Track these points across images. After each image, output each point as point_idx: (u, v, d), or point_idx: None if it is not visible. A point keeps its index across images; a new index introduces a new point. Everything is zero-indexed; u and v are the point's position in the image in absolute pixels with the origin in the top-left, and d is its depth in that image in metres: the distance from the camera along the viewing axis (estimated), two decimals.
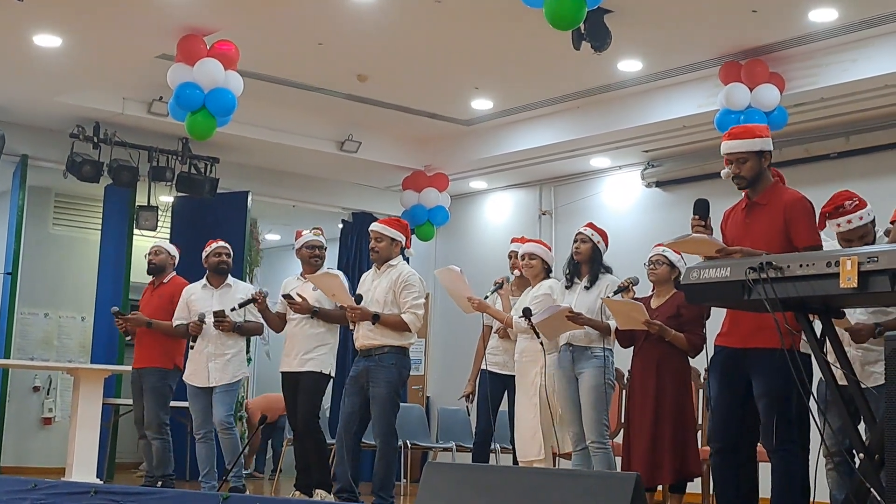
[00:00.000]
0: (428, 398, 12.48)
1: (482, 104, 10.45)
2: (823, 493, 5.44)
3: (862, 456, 4.03)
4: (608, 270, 6.72)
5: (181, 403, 8.50)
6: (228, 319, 7.62)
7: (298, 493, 7.18)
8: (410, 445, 9.77)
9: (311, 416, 7.19)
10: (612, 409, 6.59)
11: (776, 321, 4.08)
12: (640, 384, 6.39)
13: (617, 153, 10.86)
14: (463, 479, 4.07)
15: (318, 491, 7.01)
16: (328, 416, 9.79)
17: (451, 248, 12.41)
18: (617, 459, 6.62)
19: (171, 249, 8.33)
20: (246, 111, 9.25)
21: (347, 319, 6.89)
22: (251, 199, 11.47)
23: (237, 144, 10.69)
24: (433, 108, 10.64)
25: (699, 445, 6.66)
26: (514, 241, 7.74)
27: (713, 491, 5.20)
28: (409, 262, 7.49)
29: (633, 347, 6.56)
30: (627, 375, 6.72)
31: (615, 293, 6.41)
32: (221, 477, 7.58)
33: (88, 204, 12.21)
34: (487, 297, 7.44)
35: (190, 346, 7.74)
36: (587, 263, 6.69)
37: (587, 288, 6.62)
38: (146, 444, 8.04)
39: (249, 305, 7.73)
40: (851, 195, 5.21)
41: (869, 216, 5.19)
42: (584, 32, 7.59)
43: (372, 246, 6.92)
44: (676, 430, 6.24)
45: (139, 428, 8.08)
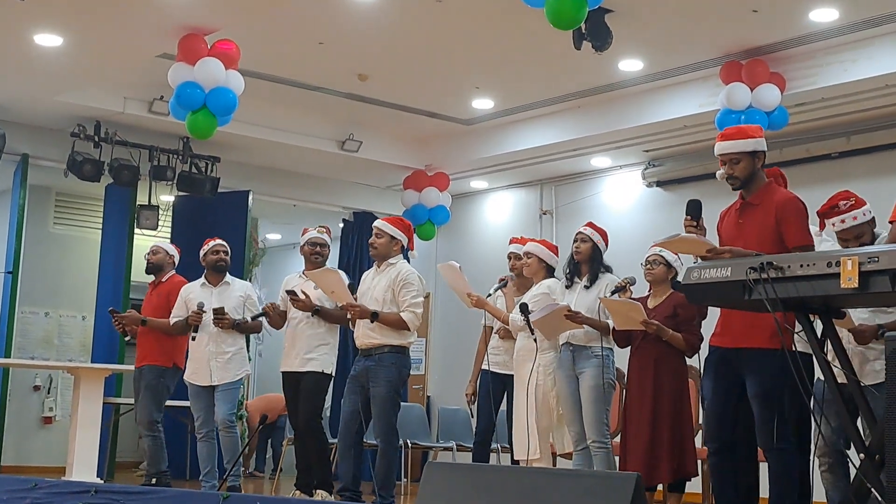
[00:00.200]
0: (428, 398, 12.48)
1: (483, 104, 10.45)
2: (823, 492, 5.45)
3: (861, 456, 4.02)
4: (608, 270, 6.73)
5: (182, 403, 8.50)
6: (228, 317, 7.63)
7: (299, 492, 7.19)
8: (411, 445, 9.76)
9: (313, 416, 7.19)
10: (612, 408, 6.59)
11: (776, 321, 4.08)
12: (637, 384, 6.39)
13: (618, 153, 10.86)
14: (463, 478, 4.06)
15: (319, 491, 7.02)
16: (328, 415, 9.78)
17: (451, 247, 12.40)
18: (616, 459, 6.62)
19: (169, 249, 8.37)
20: (247, 110, 9.26)
21: (347, 318, 6.90)
22: (252, 198, 11.47)
23: (238, 144, 10.70)
24: (434, 107, 10.64)
25: (698, 445, 6.66)
26: (512, 241, 7.74)
27: (713, 491, 5.20)
28: (409, 262, 7.48)
29: (630, 347, 6.56)
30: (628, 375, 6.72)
31: (612, 293, 6.42)
32: (222, 476, 7.58)
33: (89, 203, 12.22)
34: (490, 294, 7.45)
35: (192, 337, 7.73)
36: (587, 263, 6.69)
37: (587, 287, 6.62)
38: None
39: (248, 304, 7.82)
40: (848, 195, 5.21)
41: (865, 216, 5.18)
42: (584, 32, 7.59)
43: (371, 241, 6.94)
44: (674, 429, 6.25)
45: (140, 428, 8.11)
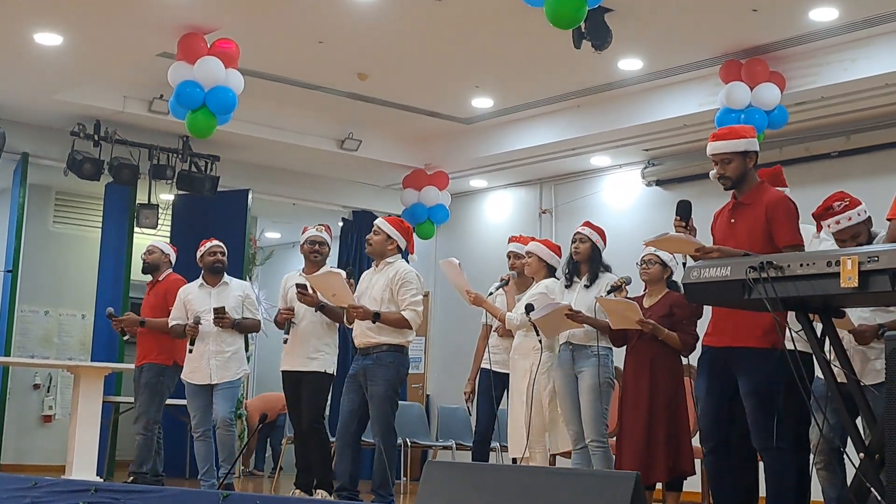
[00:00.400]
0: (428, 396, 12.48)
1: (482, 102, 10.44)
2: (820, 491, 5.45)
3: (861, 455, 4.03)
4: (607, 269, 6.73)
5: (182, 401, 8.49)
6: (228, 316, 7.63)
7: (299, 491, 7.19)
8: (410, 444, 9.76)
9: (315, 415, 7.19)
10: (611, 407, 6.59)
11: (776, 321, 4.08)
12: (633, 383, 6.38)
13: (617, 152, 10.86)
14: (463, 477, 4.07)
15: (319, 490, 7.01)
16: (328, 414, 9.78)
17: (451, 246, 12.40)
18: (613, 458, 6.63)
19: (164, 248, 8.36)
20: (246, 109, 9.25)
21: (347, 317, 6.90)
22: (252, 197, 11.47)
23: (238, 142, 10.70)
24: (433, 106, 10.63)
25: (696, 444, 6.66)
26: (511, 240, 7.74)
27: (710, 490, 5.21)
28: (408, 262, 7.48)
29: (626, 346, 6.56)
30: None
31: (608, 292, 6.42)
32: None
33: (89, 202, 12.22)
34: (491, 293, 7.47)
35: (189, 349, 7.75)
36: (586, 263, 6.69)
37: (587, 287, 6.62)
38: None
39: (247, 303, 7.82)
40: (842, 196, 5.19)
41: (860, 216, 5.15)
42: (584, 31, 7.60)
43: (368, 238, 6.96)
44: (670, 428, 6.24)
45: None
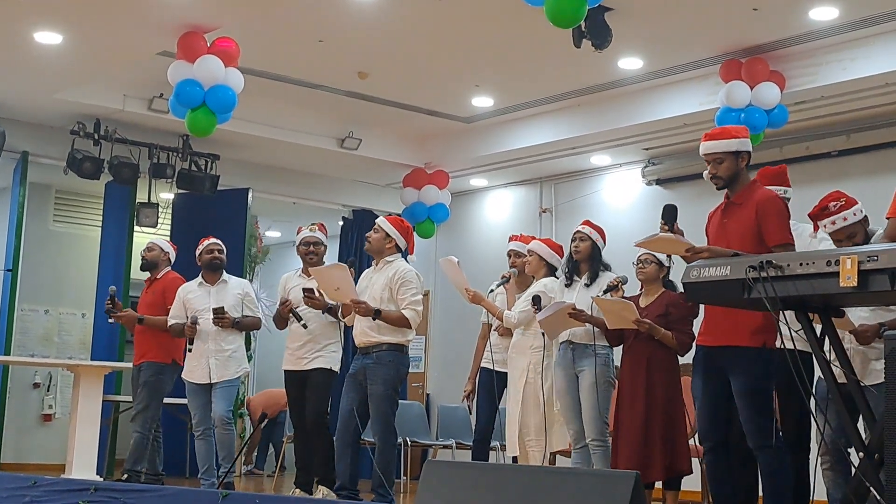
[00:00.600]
0: (428, 395, 12.48)
1: (483, 101, 10.44)
2: (823, 491, 5.44)
3: (861, 455, 4.03)
4: (607, 268, 6.73)
5: (182, 400, 8.49)
6: (228, 316, 7.62)
7: (299, 490, 7.19)
8: (410, 443, 9.77)
9: (320, 413, 7.18)
10: (611, 406, 6.59)
11: (776, 320, 4.08)
12: (629, 382, 6.38)
13: (617, 151, 10.86)
14: (463, 476, 4.07)
15: (320, 487, 7.01)
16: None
17: (451, 245, 12.40)
18: None
19: (164, 246, 8.31)
20: (246, 108, 9.25)
21: (344, 310, 6.90)
22: (252, 195, 11.47)
23: (238, 141, 10.69)
24: (434, 105, 10.63)
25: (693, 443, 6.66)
26: (512, 239, 7.75)
27: (710, 489, 5.21)
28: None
29: (622, 346, 6.56)
30: None
31: (604, 292, 6.42)
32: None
33: (89, 201, 12.22)
34: (492, 290, 7.48)
35: (188, 349, 7.74)
36: (587, 262, 6.69)
37: (587, 285, 6.62)
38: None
39: (247, 301, 7.81)
40: (838, 196, 5.18)
41: (856, 216, 5.13)
42: (584, 30, 7.60)
43: (367, 235, 6.98)
44: (666, 427, 6.24)
45: None
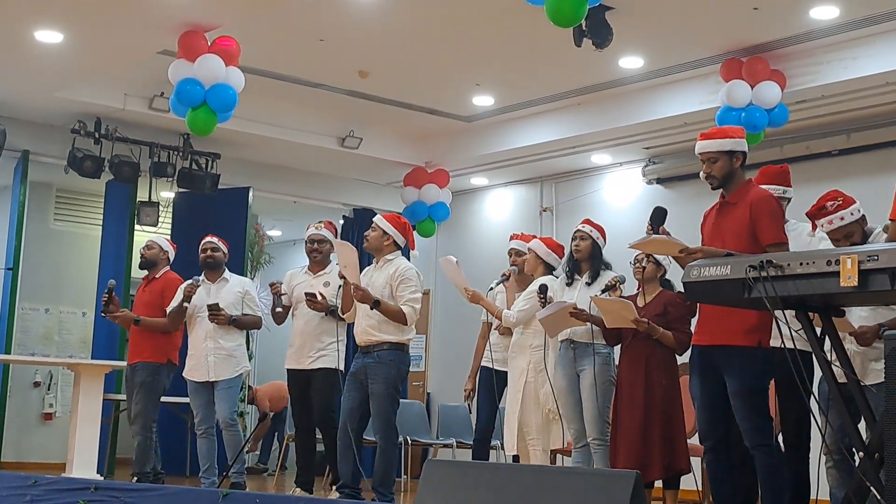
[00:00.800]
0: (428, 394, 12.48)
1: (483, 100, 10.44)
2: (825, 491, 5.44)
3: (862, 454, 4.02)
4: (608, 267, 6.73)
5: (182, 399, 8.48)
6: (223, 312, 7.60)
7: (299, 489, 7.19)
8: (411, 442, 9.76)
9: (327, 412, 7.18)
10: (612, 406, 6.58)
11: (776, 319, 4.07)
12: (628, 382, 6.36)
13: (618, 150, 10.86)
14: (463, 475, 4.07)
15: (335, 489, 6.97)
16: None
17: (451, 244, 12.40)
18: None
19: (163, 244, 8.22)
20: (247, 107, 9.25)
21: (343, 311, 6.89)
22: (252, 194, 11.47)
23: (238, 140, 10.69)
24: (434, 104, 10.63)
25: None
26: (513, 237, 7.75)
27: (710, 488, 5.21)
28: (409, 260, 7.49)
29: (620, 345, 6.56)
30: None
31: (602, 291, 6.42)
32: (222, 473, 7.57)
33: (89, 199, 12.22)
34: (492, 288, 7.48)
35: (184, 304, 7.64)
36: (587, 260, 6.69)
37: (588, 284, 6.62)
38: None
39: (247, 299, 7.77)
40: (836, 196, 5.17)
41: (853, 215, 5.12)
42: (585, 29, 7.59)
43: (366, 234, 6.98)
44: (665, 426, 6.24)
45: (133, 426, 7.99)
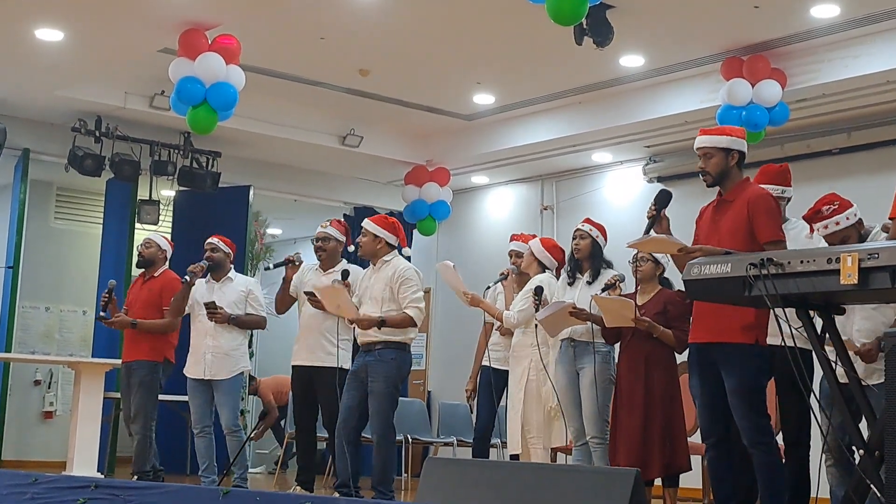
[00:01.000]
0: (429, 393, 12.49)
1: (484, 99, 10.44)
2: (826, 489, 5.44)
3: (862, 452, 4.02)
4: (609, 265, 6.74)
5: (181, 398, 8.48)
6: (221, 311, 7.57)
7: (299, 487, 7.19)
8: (411, 440, 9.77)
9: (336, 413, 7.17)
10: (611, 404, 6.58)
11: (776, 317, 4.07)
12: (627, 381, 6.36)
13: (618, 148, 10.86)
14: (463, 473, 4.07)
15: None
16: None
17: (452, 243, 12.41)
18: None
19: (162, 243, 8.14)
20: (247, 105, 9.25)
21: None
22: (253, 193, 11.47)
23: (239, 138, 10.69)
24: (435, 102, 10.63)
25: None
26: (513, 238, 7.75)
27: (711, 486, 5.21)
28: (409, 259, 7.50)
29: (619, 344, 6.55)
30: None
31: (602, 290, 6.42)
32: (221, 471, 7.57)
33: (90, 198, 12.22)
34: (490, 286, 7.48)
35: (184, 279, 7.66)
36: (588, 259, 6.70)
37: (589, 283, 6.62)
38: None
39: (250, 299, 7.75)
40: (832, 199, 5.15)
41: (849, 220, 5.10)
42: (586, 28, 7.60)
43: (357, 240, 6.99)
44: (665, 425, 6.24)
45: (128, 425, 7.95)
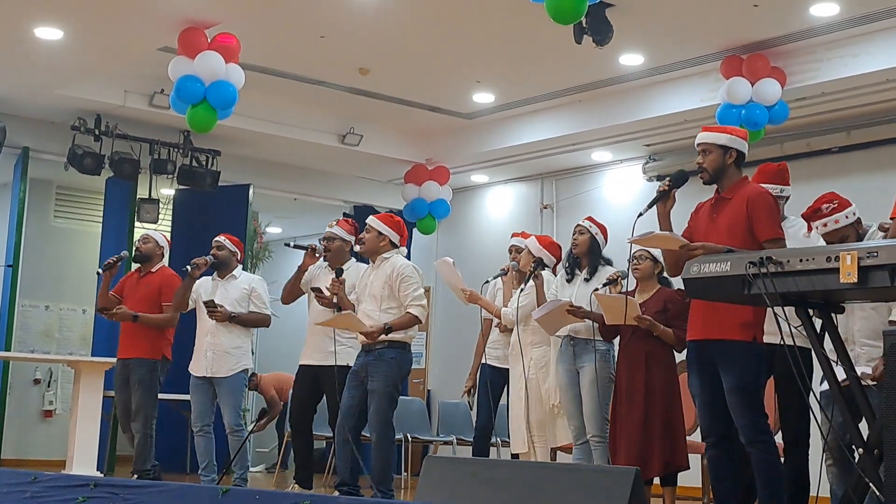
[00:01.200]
0: (429, 391, 12.49)
1: (484, 98, 10.44)
2: (826, 488, 5.44)
3: (861, 451, 4.02)
4: (608, 263, 6.73)
5: (181, 396, 8.48)
6: (220, 309, 7.55)
7: (298, 486, 7.19)
8: (411, 439, 9.76)
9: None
10: (611, 402, 6.58)
11: (776, 316, 4.07)
12: (627, 379, 6.36)
13: (618, 147, 10.86)
14: (463, 472, 4.08)
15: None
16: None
17: (452, 241, 12.41)
18: None
19: (159, 240, 8.10)
20: (247, 104, 9.25)
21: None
22: (252, 191, 11.47)
23: (238, 137, 10.69)
24: (435, 101, 10.63)
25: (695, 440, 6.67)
26: (514, 235, 7.76)
27: (711, 484, 5.21)
28: (409, 256, 7.50)
29: (619, 342, 6.55)
30: None
31: (603, 285, 6.41)
32: (221, 469, 7.56)
33: (90, 196, 12.22)
34: (489, 281, 7.48)
35: (185, 268, 7.64)
36: (586, 256, 6.69)
37: (587, 280, 6.63)
38: (131, 437, 7.88)
39: (254, 297, 7.68)
40: (831, 198, 5.16)
41: (847, 219, 5.10)
42: (585, 26, 7.59)
43: (360, 237, 6.97)
44: (665, 424, 6.23)
45: (122, 422, 7.94)
